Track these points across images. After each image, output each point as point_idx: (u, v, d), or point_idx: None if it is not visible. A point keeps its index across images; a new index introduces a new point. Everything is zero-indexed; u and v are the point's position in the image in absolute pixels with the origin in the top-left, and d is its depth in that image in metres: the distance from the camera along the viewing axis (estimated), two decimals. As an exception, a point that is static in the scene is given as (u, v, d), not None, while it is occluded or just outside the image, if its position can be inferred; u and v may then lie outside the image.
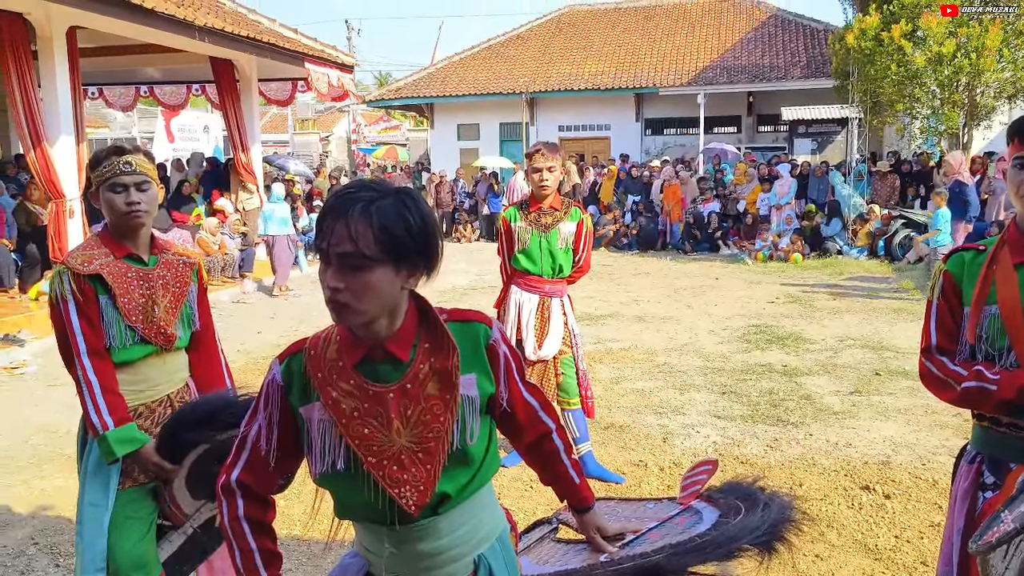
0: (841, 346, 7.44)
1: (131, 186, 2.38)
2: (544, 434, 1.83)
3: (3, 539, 3.97)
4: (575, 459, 1.91)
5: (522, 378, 1.75)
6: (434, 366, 1.59)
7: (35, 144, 8.82)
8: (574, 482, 1.89)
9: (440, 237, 1.59)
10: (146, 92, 16.10)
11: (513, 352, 1.72)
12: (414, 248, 1.51)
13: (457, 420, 1.59)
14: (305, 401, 1.60)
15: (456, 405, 1.59)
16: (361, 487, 1.57)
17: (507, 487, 4.37)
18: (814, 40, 22.24)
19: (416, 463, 1.56)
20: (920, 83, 13.37)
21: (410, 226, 1.50)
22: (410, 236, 1.50)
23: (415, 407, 1.57)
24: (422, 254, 1.54)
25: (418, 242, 1.52)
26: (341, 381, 1.57)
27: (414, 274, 1.55)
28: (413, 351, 1.59)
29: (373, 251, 1.46)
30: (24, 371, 7.34)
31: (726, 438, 5.08)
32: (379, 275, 1.48)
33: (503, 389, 1.68)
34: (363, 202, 1.47)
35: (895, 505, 4.06)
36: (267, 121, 33.54)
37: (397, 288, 1.53)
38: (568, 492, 1.91)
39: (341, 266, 1.47)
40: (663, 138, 23.10)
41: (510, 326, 4.47)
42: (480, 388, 1.64)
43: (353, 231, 1.46)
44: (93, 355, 2.35)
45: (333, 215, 1.47)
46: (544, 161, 4.29)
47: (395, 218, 1.48)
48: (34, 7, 8.52)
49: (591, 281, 10.67)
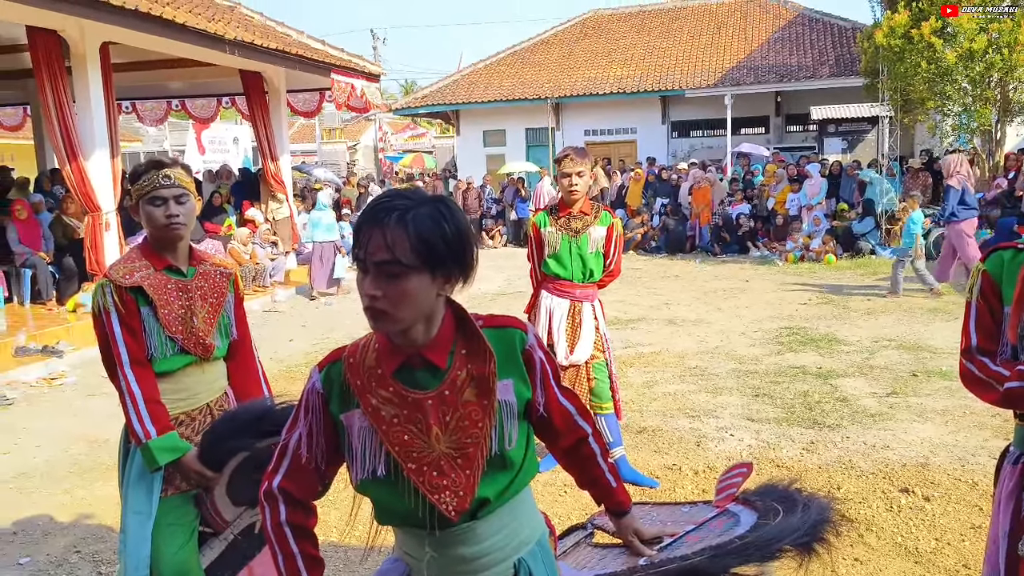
0: (876, 347, 7.35)
1: (170, 199, 2.43)
2: (581, 438, 1.83)
3: (46, 548, 4.04)
4: (612, 463, 1.90)
5: (558, 383, 1.76)
6: (471, 372, 1.60)
7: (71, 158, 8.99)
8: (611, 486, 1.89)
9: (475, 244, 1.60)
10: (177, 105, 16.34)
11: (549, 357, 1.74)
12: (449, 256, 1.53)
13: (495, 425, 1.60)
14: (345, 408, 1.62)
15: (494, 411, 1.60)
16: (402, 493, 1.58)
17: (541, 492, 4.37)
18: (842, 39, 22.03)
19: (455, 469, 1.58)
20: (951, 80, 13.19)
21: (445, 234, 1.51)
22: (445, 244, 1.51)
23: (453, 413, 1.58)
24: (457, 261, 1.55)
25: (453, 250, 1.53)
26: (380, 388, 1.58)
27: (450, 281, 1.57)
28: (450, 358, 1.60)
29: (409, 259, 1.48)
30: (63, 382, 7.48)
31: (760, 441, 5.04)
32: (415, 283, 1.50)
33: (539, 394, 1.70)
34: (399, 211, 1.49)
35: (935, 507, 4.00)
36: (295, 131, 33.88)
37: (433, 295, 1.54)
38: (605, 496, 1.91)
39: (378, 274, 1.49)
40: (690, 140, 22.99)
41: (541, 331, 4.46)
42: (517, 393, 1.65)
43: (389, 240, 1.47)
44: (135, 365, 2.39)
45: (370, 224, 1.50)
46: (573, 166, 4.29)
47: (431, 226, 1.50)
48: (68, 24, 8.69)
49: (621, 285, 10.62)
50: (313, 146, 35.16)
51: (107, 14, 8.45)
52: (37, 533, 4.21)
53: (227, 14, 11.93)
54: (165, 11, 9.16)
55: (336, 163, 33.22)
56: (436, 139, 38.68)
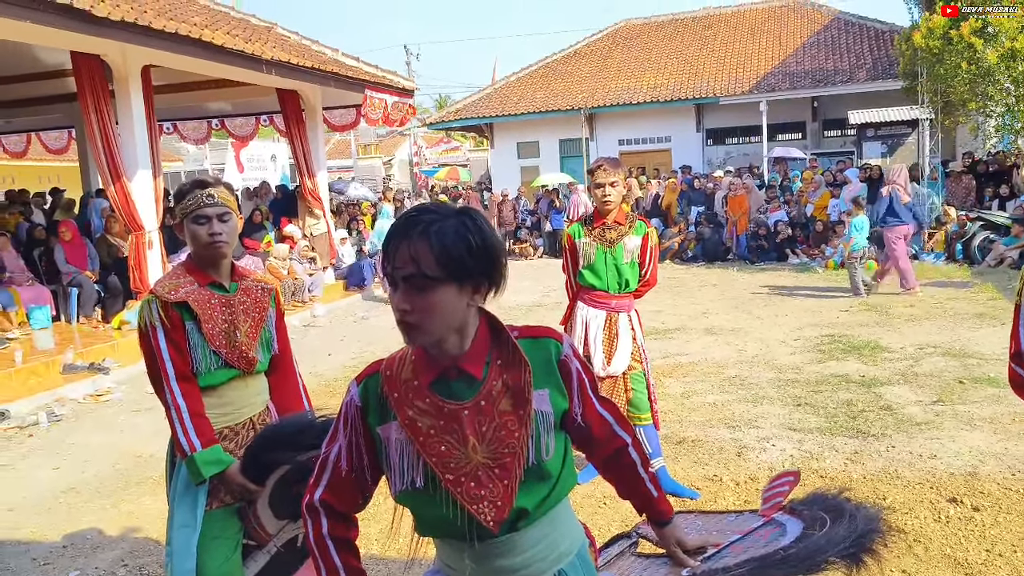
0: (921, 354, 7.21)
1: (213, 217, 2.48)
2: (620, 448, 1.82)
3: (94, 561, 4.12)
4: (652, 472, 1.89)
5: (596, 392, 1.76)
6: (507, 382, 1.61)
7: (114, 179, 9.20)
8: (652, 495, 1.87)
9: (503, 255, 1.61)
10: (218, 125, 16.65)
11: (585, 367, 1.73)
12: (475, 267, 1.54)
13: (532, 436, 1.61)
14: (383, 421, 1.64)
15: (530, 421, 1.61)
16: (440, 504, 1.59)
17: (580, 503, 4.35)
18: (879, 41, 21.74)
19: (493, 479, 1.58)
20: (993, 80, 12.95)
21: (470, 245, 1.52)
22: (470, 255, 1.52)
23: (490, 423, 1.59)
24: (484, 272, 1.56)
25: (479, 261, 1.54)
26: (417, 400, 1.60)
27: (479, 292, 1.57)
28: (486, 368, 1.61)
29: (435, 271, 1.49)
30: (109, 398, 7.63)
31: (803, 451, 4.96)
32: (442, 294, 1.51)
33: (577, 404, 1.70)
34: (423, 224, 1.51)
35: (984, 518, 3.90)
36: (331, 147, 34.28)
37: (463, 306, 1.55)
38: (646, 505, 1.89)
39: (407, 288, 1.51)
40: (725, 147, 22.83)
41: (577, 342, 4.46)
42: (553, 403, 1.65)
43: (414, 253, 1.49)
44: (181, 380, 2.45)
45: (396, 239, 1.52)
46: (607, 176, 4.29)
47: (454, 238, 1.51)
48: (111, 48, 8.92)
49: (658, 295, 10.58)
50: (349, 161, 35.54)
51: (148, 38, 8.66)
52: (86, 547, 4.30)
53: (264, 34, 12.14)
54: (204, 33, 9.36)
55: (372, 178, 33.56)
56: (470, 152, 38.90)
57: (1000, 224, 12.93)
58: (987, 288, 10.43)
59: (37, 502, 5.02)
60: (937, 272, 12.21)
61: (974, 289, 10.52)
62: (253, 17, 13.34)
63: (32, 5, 7.13)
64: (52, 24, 7.48)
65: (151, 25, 8.47)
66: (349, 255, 14.50)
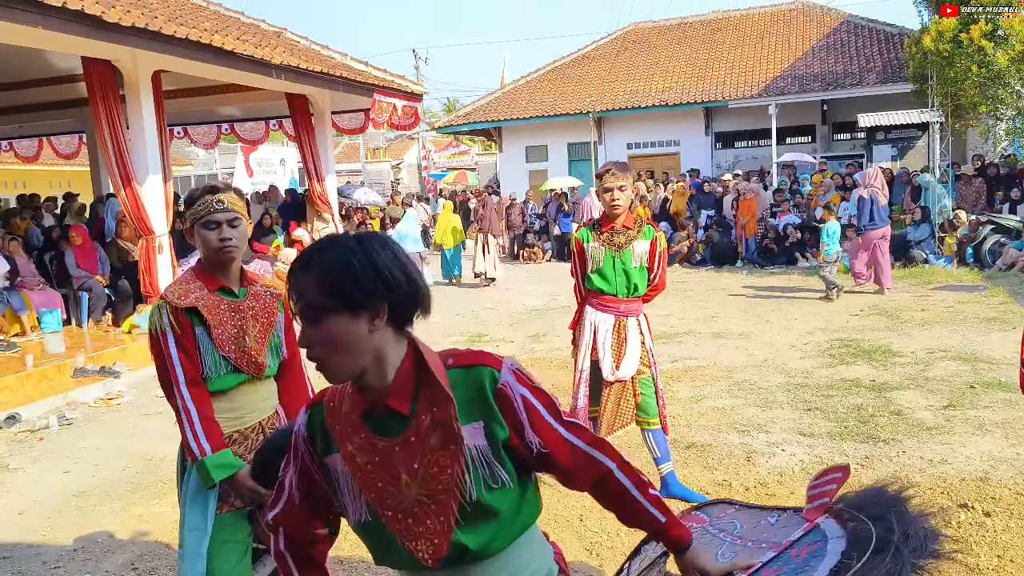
0: (932, 358, 7.18)
1: (223, 223, 2.49)
2: (603, 474, 1.67)
3: (105, 564, 4.14)
4: (655, 495, 1.72)
5: (558, 417, 1.62)
6: (435, 417, 1.52)
7: (125, 184, 9.24)
8: (659, 520, 1.70)
9: (401, 273, 1.50)
10: (227, 129, 16.71)
11: (537, 391, 1.61)
12: (363, 291, 1.46)
13: (468, 471, 1.53)
14: (328, 452, 1.60)
15: (462, 456, 1.52)
16: (389, 537, 1.57)
17: (589, 508, 4.35)
18: (888, 44, 21.68)
19: (430, 515, 1.53)
20: (1003, 84, 12.89)
21: (352, 269, 1.46)
22: (355, 279, 1.45)
23: (421, 460, 1.52)
24: (377, 295, 1.47)
25: (366, 284, 1.46)
26: (354, 434, 1.55)
27: (378, 317, 1.48)
28: (413, 403, 1.54)
29: (321, 301, 1.45)
30: (120, 402, 7.66)
31: (813, 456, 4.94)
32: (335, 324, 1.46)
33: (529, 433, 1.57)
34: (309, 255, 1.49)
35: (996, 523, 3.88)
36: (339, 151, 34.38)
37: (364, 335, 1.48)
38: (657, 532, 1.73)
39: (303, 322, 1.48)
40: (734, 151, 22.79)
41: (586, 346, 4.46)
42: (490, 436, 1.55)
43: (303, 286, 1.46)
44: (191, 384, 2.46)
45: (290, 276, 1.49)
46: (615, 180, 4.28)
47: (336, 264, 1.46)
48: (122, 54, 8.96)
49: (666, 299, 10.57)
50: (358, 165, 35.63)
51: (159, 44, 8.70)
52: (97, 550, 4.31)
53: (273, 40, 12.19)
54: (214, 39, 9.40)
55: (381, 182, 33.62)
56: (479, 156, 38.94)
57: (1011, 228, 12.87)
58: (998, 292, 10.38)
59: (48, 505, 5.04)
60: (948, 276, 12.16)
61: (985, 293, 10.47)
62: (263, 22, 13.39)
63: (44, 11, 7.18)
64: (63, 30, 7.52)
65: (161, 31, 8.51)
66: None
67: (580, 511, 4.34)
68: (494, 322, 10.79)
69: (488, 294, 13.80)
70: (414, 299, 1.53)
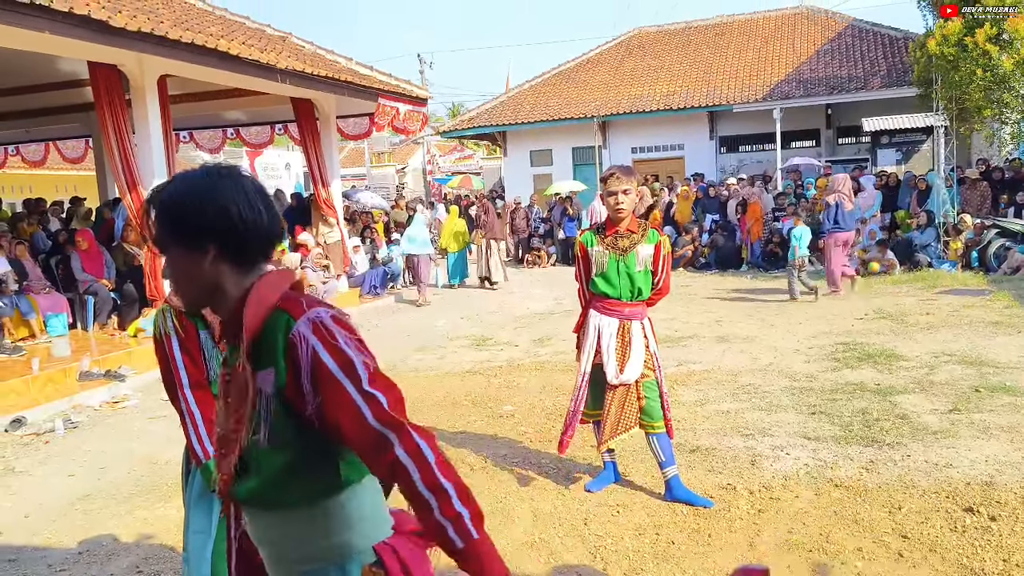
0: (937, 362, 7.16)
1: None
2: (391, 462, 1.44)
3: (110, 567, 4.14)
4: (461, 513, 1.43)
5: (356, 382, 1.46)
6: (247, 356, 1.54)
7: (131, 188, 9.28)
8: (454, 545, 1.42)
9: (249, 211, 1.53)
10: (233, 134, 16.76)
11: (334, 349, 1.47)
12: (194, 227, 1.51)
13: (249, 417, 1.52)
14: None
15: (252, 401, 1.51)
16: None
17: (593, 512, 4.35)
18: (893, 48, 21.66)
19: (229, 451, 1.59)
20: (1008, 87, 12.87)
21: (185, 206, 1.52)
22: (185, 216, 1.51)
23: (234, 395, 1.58)
24: (207, 232, 1.51)
25: (197, 221, 1.51)
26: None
27: (211, 252, 1.52)
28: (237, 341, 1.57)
29: (160, 234, 1.55)
30: (126, 405, 7.68)
31: (817, 460, 4.94)
32: (175, 257, 1.55)
33: (307, 389, 1.45)
34: (157, 191, 1.58)
35: (1002, 527, 3.87)
36: (344, 156, 34.45)
37: (202, 268, 1.53)
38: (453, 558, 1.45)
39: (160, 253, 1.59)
40: (738, 155, 22.78)
41: (590, 350, 4.46)
42: (276, 386, 1.49)
43: (152, 218, 1.57)
44: (195, 387, 2.47)
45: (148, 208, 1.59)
46: (619, 184, 4.30)
47: (171, 201, 1.54)
48: (128, 59, 9.01)
49: (671, 303, 10.56)
50: (363, 170, 35.70)
51: (165, 48, 8.74)
52: (101, 553, 4.32)
53: (279, 44, 12.24)
54: (220, 44, 9.44)
55: (386, 186, 33.68)
56: (483, 160, 38.99)
57: (1016, 231, 12.84)
58: (1003, 296, 10.36)
59: (53, 508, 5.06)
60: (952, 280, 12.13)
61: (990, 297, 10.44)
62: (268, 27, 13.44)
63: (50, 15, 7.21)
64: (69, 34, 7.56)
65: (167, 35, 8.55)
66: (362, 263, 14.56)
67: (584, 514, 4.34)
68: (498, 325, 10.80)
69: (493, 298, 13.81)
70: (256, 237, 1.56)
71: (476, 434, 5.95)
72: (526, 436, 5.81)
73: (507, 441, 5.73)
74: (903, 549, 3.72)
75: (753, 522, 4.13)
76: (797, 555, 3.75)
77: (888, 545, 3.77)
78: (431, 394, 7.21)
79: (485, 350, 9.12)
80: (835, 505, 4.26)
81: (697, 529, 4.09)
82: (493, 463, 5.24)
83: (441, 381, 7.70)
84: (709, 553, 3.82)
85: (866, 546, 3.77)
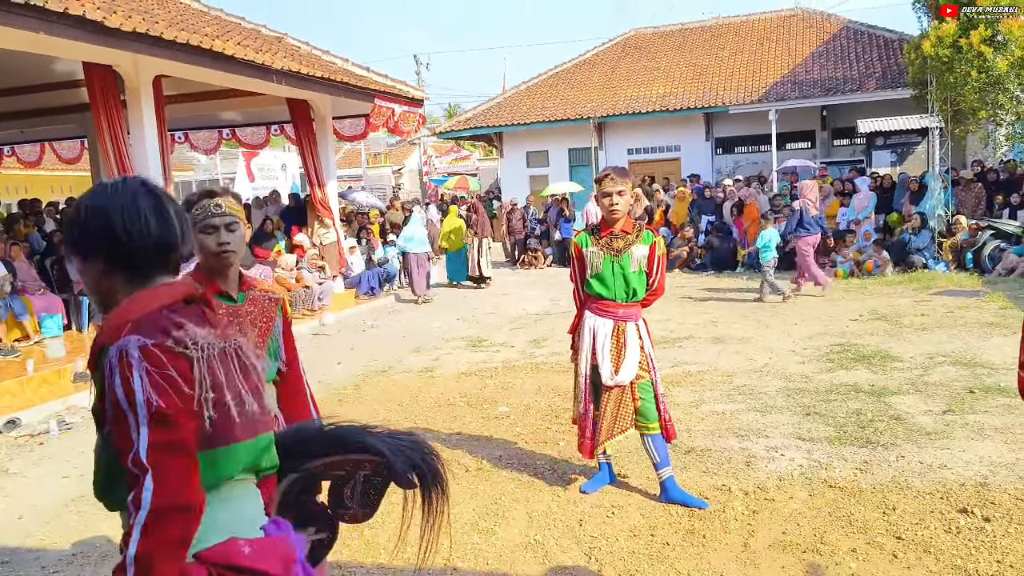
0: (931, 363, 7.18)
1: (221, 227, 2.50)
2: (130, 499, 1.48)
3: (103, 569, 4.13)
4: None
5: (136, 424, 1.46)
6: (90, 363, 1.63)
7: (126, 189, 9.25)
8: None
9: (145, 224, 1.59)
10: (228, 134, 16.74)
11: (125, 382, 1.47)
12: (84, 239, 1.61)
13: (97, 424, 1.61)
14: None
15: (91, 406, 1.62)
16: None
17: (589, 513, 4.36)
18: (888, 50, 21.71)
19: None
20: (1003, 89, 12.91)
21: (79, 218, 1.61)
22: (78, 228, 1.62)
23: None
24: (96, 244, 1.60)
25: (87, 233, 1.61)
26: None
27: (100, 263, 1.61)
28: None
29: (64, 241, 1.69)
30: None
31: (812, 461, 4.94)
32: (77, 263, 1.65)
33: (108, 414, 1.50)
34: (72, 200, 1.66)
35: (996, 528, 3.88)
36: (341, 156, 34.43)
37: (95, 276, 1.63)
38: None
39: None
40: (734, 156, 22.80)
41: (585, 351, 4.46)
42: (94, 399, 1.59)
43: None
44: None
45: None
46: (613, 185, 4.30)
47: (73, 212, 1.64)
48: (123, 59, 9.00)
49: (666, 304, 10.58)
50: (359, 171, 35.67)
51: (160, 49, 8.73)
52: (95, 555, 4.31)
53: (274, 45, 12.23)
54: (215, 44, 9.43)
55: (382, 187, 33.64)
56: (480, 161, 38.97)
57: (1011, 233, 12.87)
58: (997, 297, 10.38)
59: (47, 510, 5.04)
60: (947, 281, 12.16)
61: (984, 298, 10.47)
62: (264, 28, 13.43)
63: (45, 16, 7.20)
64: (65, 35, 7.55)
65: (163, 36, 8.54)
66: (358, 264, 14.56)
67: (579, 515, 4.35)
68: (494, 327, 10.80)
69: (489, 299, 13.81)
70: (142, 247, 1.60)
71: (471, 435, 5.95)
72: (521, 437, 5.81)
73: (502, 442, 5.73)
74: (897, 550, 3.73)
75: (748, 523, 4.13)
76: (791, 556, 3.75)
77: (882, 546, 3.78)
78: (426, 395, 7.20)
79: (481, 351, 9.12)
80: (829, 506, 4.26)
81: (692, 530, 4.09)
82: (488, 464, 5.24)
83: (436, 382, 7.70)
84: (704, 554, 3.83)
85: (860, 547, 3.78)
